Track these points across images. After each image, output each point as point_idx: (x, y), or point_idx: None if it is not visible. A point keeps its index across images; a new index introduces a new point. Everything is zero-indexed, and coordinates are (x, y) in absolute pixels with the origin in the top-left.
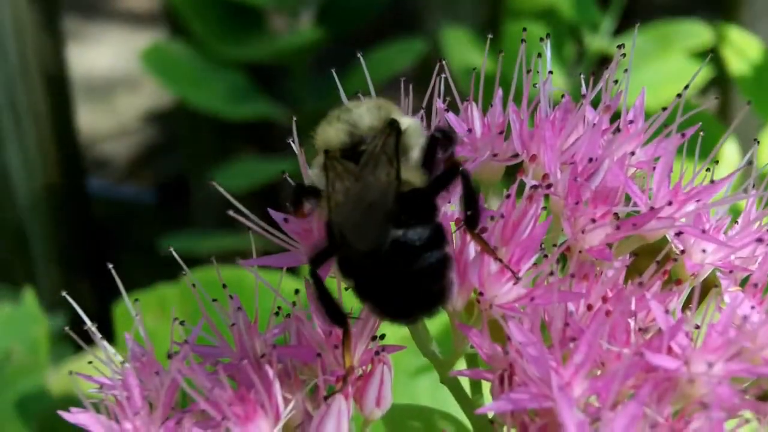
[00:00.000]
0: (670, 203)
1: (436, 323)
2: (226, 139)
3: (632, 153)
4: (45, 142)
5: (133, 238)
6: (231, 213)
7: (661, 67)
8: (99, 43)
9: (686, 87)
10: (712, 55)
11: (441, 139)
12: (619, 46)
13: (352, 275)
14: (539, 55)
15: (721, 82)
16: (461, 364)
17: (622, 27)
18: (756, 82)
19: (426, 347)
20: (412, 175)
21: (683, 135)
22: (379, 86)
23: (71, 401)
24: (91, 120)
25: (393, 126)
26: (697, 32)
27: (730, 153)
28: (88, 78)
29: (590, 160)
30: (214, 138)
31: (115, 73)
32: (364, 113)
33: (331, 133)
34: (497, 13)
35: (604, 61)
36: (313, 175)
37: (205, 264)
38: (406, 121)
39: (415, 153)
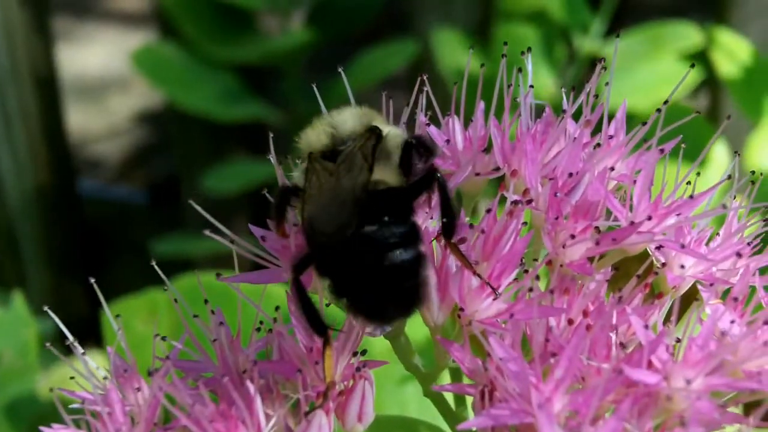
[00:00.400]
0: (649, 218)
1: (419, 334)
2: (218, 141)
3: (612, 168)
4: (35, 143)
5: (126, 239)
6: (210, 226)
7: (653, 69)
8: (91, 43)
9: (665, 102)
10: (702, 57)
11: (417, 146)
12: (599, 60)
13: (328, 273)
14: (519, 69)
15: (711, 83)
16: (445, 377)
17: (615, 27)
18: (745, 84)
19: (408, 360)
20: (389, 175)
21: (662, 150)
22: (372, 87)
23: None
24: (82, 120)
25: (373, 130)
26: (687, 34)
27: (719, 155)
28: (79, 78)
29: (570, 174)
30: (205, 139)
31: (107, 74)
32: (347, 118)
33: (314, 136)
34: (489, 14)
35: (595, 63)
36: (296, 178)
37: (197, 265)
38: (388, 128)
39: (396, 159)
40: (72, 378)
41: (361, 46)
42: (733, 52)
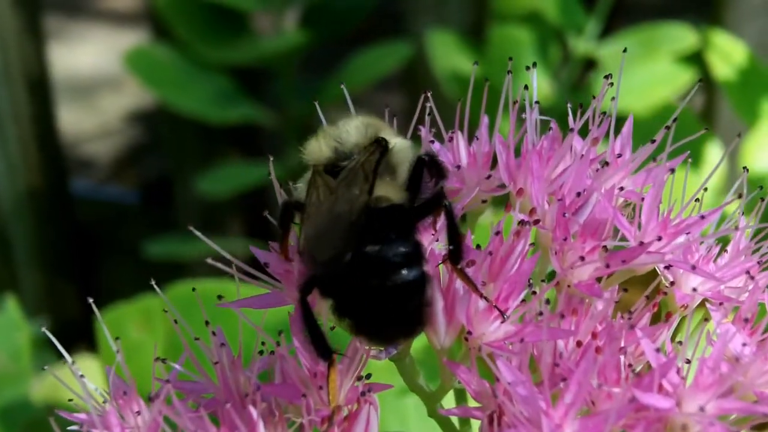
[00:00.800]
0: (659, 238)
1: (417, 343)
2: (210, 142)
3: (621, 188)
4: (27, 144)
5: (119, 240)
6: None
7: (648, 70)
8: (83, 42)
9: (674, 120)
10: (697, 58)
11: (429, 163)
12: (606, 77)
13: (330, 294)
14: (526, 87)
15: (707, 84)
16: (450, 396)
17: (610, 29)
18: (741, 86)
19: (413, 381)
20: (393, 191)
21: (672, 170)
22: (365, 88)
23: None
24: (74, 120)
25: (378, 143)
26: (682, 36)
27: (715, 157)
28: (71, 78)
29: (578, 193)
30: (198, 141)
31: (98, 73)
32: (352, 130)
33: (318, 148)
34: (483, 16)
35: (590, 64)
36: (300, 190)
37: (190, 267)
38: (395, 141)
39: (402, 172)
40: (70, 400)
41: (354, 47)
42: (728, 53)
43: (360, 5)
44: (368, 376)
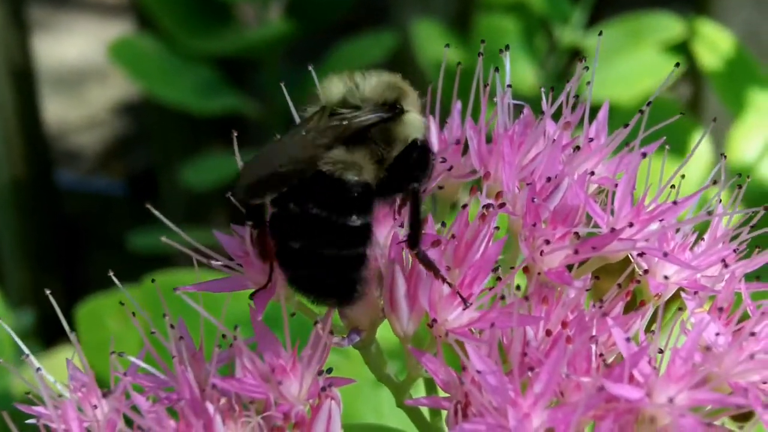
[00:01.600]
0: (631, 224)
1: (391, 342)
2: (196, 133)
3: (592, 173)
4: (11, 136)
5: (105, 231)
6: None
7: (634, 60)
8: (69, 33)
9: (648, 103)
10: (684, 47)
11: (420, 149)
12: (581, 59)
13: (276, 235)
14: (497, 69)
15: (693, 73)
16: (421, 386)
17: (597, 18)
18: (727, 77)
19: (380, 371)
20: (368, 164)
21: (644, 154)
22: None
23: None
24: (61, 111)
25: (385, 107)
26: (669, 26)
27: (701, 147)
28: (58, 69)
29: (549, 179)
30: (183, 132)
31: (85, 64)
32: (371, 84)
33: (332, 88)
34: (469, 5)
35: (576, 54)
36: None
37: (175, 259)
38: (410, 115)
39: (398, 148)
40: (27, 393)
41: (340, 37)
42: (714, 43)
43: None
44: (329, 370)
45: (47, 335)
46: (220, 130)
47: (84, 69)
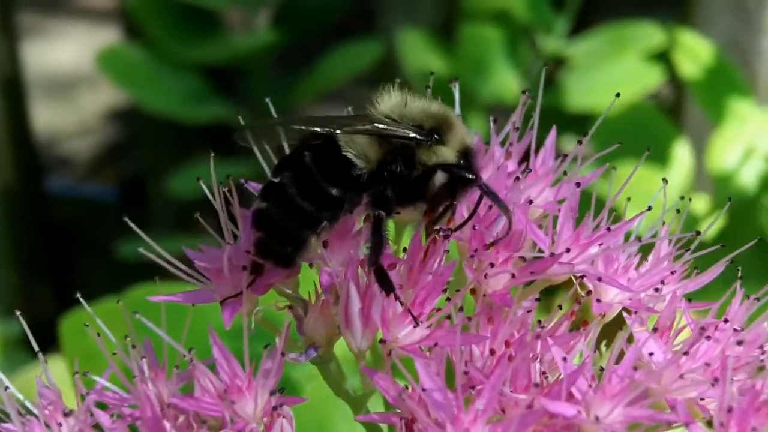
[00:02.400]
0: (568, 250)
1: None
2: (185, 141)
3: (531, 201)
4: (1, 143)
5: (95, 238)
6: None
7: (616, 68)
8: (61, 39)
9: (585, 134)
10: (666, 55)
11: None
12: (525, 92)
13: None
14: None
15: (675, 81)
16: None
17: (582, 25)
18: (707, 85)
19: (338, 386)
20: (373, 165)
21: (578, 184)
22: (339, 86)
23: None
24: (52, 117)
25: (422, 130)
26: (651, 34)
27: (682, 155)
28: (49, 75)
29: (490, 206)
30: (172, 139)
31: (76, 70)
32: (419, 107)
33: (386, 101)
34: (454, 13)
35: (560, 62)
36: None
37: (165, 267)
38: (442, 149)
39: (412, 170)
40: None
41: (328, 44)
42: (694, 52)
43: (332, 3)
44: (282, 390)
45: (37, 342)
46: (210, 136)
47: (75, 75)
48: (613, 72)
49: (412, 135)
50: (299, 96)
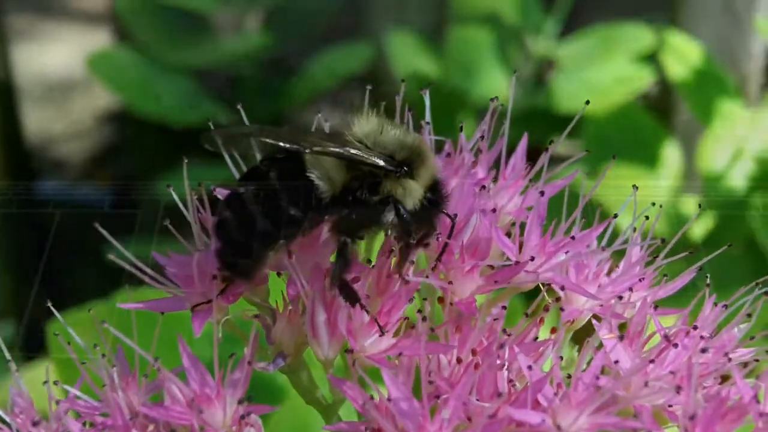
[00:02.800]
0: (532, 258)
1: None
2: (175, 144)
3: (494, 210)
4: None
5: (87, 241)
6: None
7: (606, 70)
8: (53, 42)
9: (551, 142)
10: (655, 56)
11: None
12: (490, 110)
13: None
14: (410, 109)
15: (664, 83)
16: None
17: (572, 26)
18: (695, 87)
19: (310, 395)
20: (337, 189)
21: (542, 193)
22: (330, 89)
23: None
24: (45, 121)
25: (391, 160)
26: (640, 36)
27: (672, 157)
28: (42, 78)
29: (455, 215)
30: (163, 143)
31: (69, 73)
32: (394, 136)
33: (363, 125)
34: (443, 17)
35: (550, 63)
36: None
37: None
38: (409, 182)
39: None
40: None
41: (318, 47)
42: (683, 54)
43: (322, 6)
44: (250, 398)
45: (28, 347)
46: (199, 141)
47: (68, 78)
48: (603, 73)
49: (382, 164)
50: (289, 99)
